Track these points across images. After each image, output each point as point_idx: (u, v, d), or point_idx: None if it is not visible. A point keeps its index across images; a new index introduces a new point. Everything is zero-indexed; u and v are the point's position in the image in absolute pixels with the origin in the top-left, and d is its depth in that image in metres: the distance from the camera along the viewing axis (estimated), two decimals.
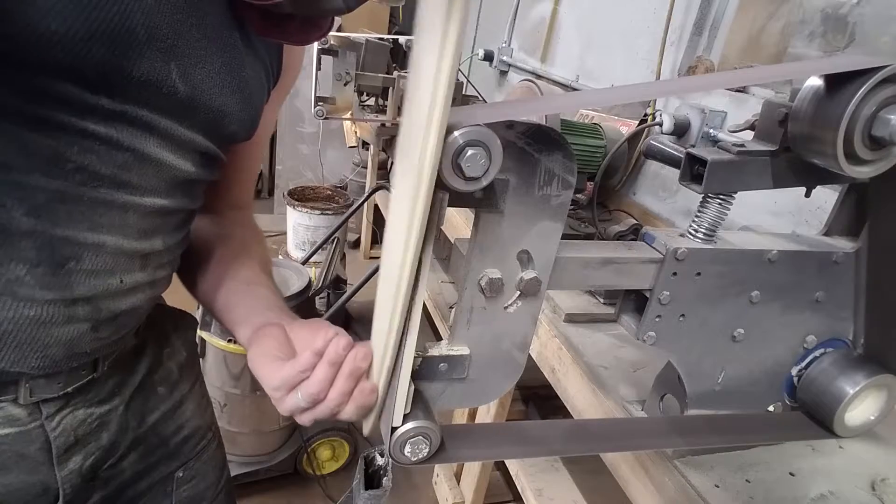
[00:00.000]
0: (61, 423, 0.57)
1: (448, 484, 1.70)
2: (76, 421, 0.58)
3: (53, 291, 0.50)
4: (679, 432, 0.60)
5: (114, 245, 0.52)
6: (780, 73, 0.66)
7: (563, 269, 0.48)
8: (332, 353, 0.49)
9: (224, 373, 1.56)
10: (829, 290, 0.60)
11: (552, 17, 2.26)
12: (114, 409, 0.62)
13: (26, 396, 0.54)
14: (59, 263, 0.49)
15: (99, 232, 0.51)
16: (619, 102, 1.65)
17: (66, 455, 0.58)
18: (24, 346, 0.50)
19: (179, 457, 0.73)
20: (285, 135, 3.68)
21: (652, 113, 1.46)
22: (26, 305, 0.49)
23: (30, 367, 0.52)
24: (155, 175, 0.53)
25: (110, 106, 0.47)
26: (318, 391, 0.49)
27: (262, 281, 0.68)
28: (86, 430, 0.59)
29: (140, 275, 0.57)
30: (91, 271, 0.52)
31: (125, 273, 0.55)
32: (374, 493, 0.50)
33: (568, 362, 0.90)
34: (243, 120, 0.60)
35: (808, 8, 1.33)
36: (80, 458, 0.59)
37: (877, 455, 0.70)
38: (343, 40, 1.83)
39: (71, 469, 0.59)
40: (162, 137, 0.52)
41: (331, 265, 1.85)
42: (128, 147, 0.49)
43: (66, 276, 0.50)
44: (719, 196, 0.54)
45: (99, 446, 0.61)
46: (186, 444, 0.74)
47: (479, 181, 0.38)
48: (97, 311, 0.54)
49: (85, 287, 0.52)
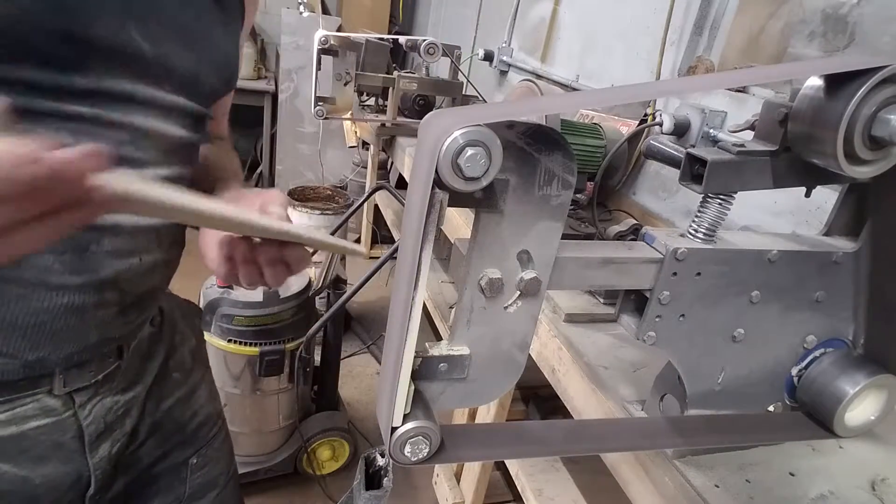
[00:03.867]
0: (92, 412, 0.59)
1: (448, 484, 1.70)
2: (104, 409, 0.60)
3: (82, 276, 0.51)
4: (679, 432, 0.60)
5: (129, 224, 0.54)
6: (780, 73, 0.66)
7: (563, 269, 0.48)
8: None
9: (224, 373, 1.56)
10: (829, 290, 0.60)
11: (552, 17, 2.26)
12: (137, 396, 0.64)
13: (60, 387, 0.55)
14: (83, 248, 0.51)
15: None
16: (619, 102, 1.65)
17: (97, 442, 0.60)
18: (60, 333, 0.52)
19: (194, 443, 0.75)
20: (285, 135, 3.68)
21: (652, 113, 1.46)
22: (59, 294, 0.50)
23: (66, 355, 0.53)
24: (150, 146, 0.53)
25: (84, 83, 0.46)
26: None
27: (227, 154, 0.71)
28: (112, 418, 0.61)
29: (156, 253, 0.59)
30: (112, 252, 0.53)
31: (143, 252, 0.57)
32: (375, 494, 0.50)
33: (568, 362, 0.90)
34: (221, 72, 0.60)
35: (808, 8, 1.32)
36: (108, 445, 0.61)
37: (877, 455, 0.70)
38: (343, 40, 1.83)
39: (101, 456, 0.61)
40: (145, 106, 0.51)
41: (331, 265, 1.85)
42: (115, 122, 0.49)
43: (91, 260, 0.52)
44: (719, 196, 0.54)
45: (124, 433, 0.63)
46: (200, 430, 0.76)
47: (479, 181, 0.38)
48: (123, 294, 0.56)
49: (109, 269, 0.53)
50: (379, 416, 0.48)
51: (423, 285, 0.41)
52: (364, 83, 1.89)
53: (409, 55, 3.05)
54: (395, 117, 1.96)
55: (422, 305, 0.43)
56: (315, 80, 1.82)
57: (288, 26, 3.43)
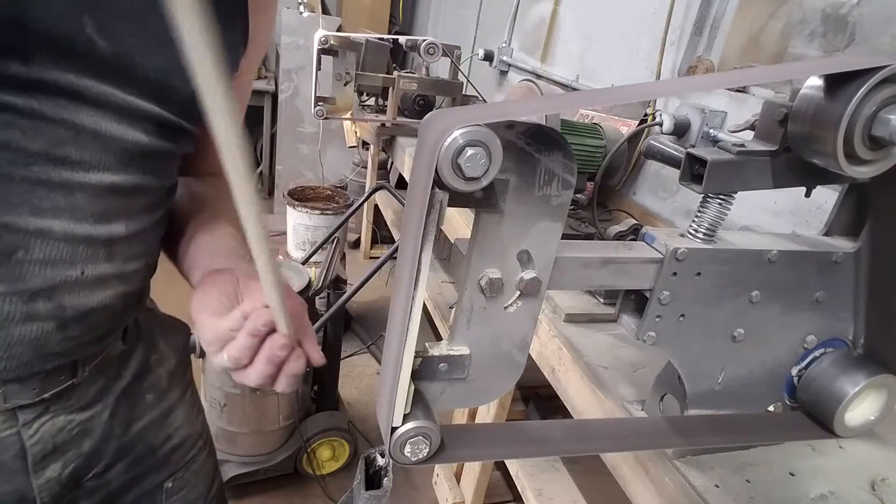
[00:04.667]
0: (39, 431, 0.55)
1: (448, 484, 1.70)
2: (55, 428, 0.56)
3: (4, 284, 0.47)
4: (679, 432, 0.60)
5: (62, 231, 0.49)
6: (780, 73, 0.66)
7: (563, 269, 0.48)
8: (251, 326, 0.47)
9: (224, 373, 1.56)
10: (829, 290, 0.60)
11: (552, 17, 2.26)
12: (96, 416, 0.60)
13: (1, 403, 0.52)
14: (6, 253, 0.46)
15: (43, 216, 0.47)
16: (619, 102, 1.65)
17: (42, 463, 0.56)
18: None
19: (168, 466, 0.71)
20: (285, 135, 3.68)
21: (652, 113, 1.46)
22: None
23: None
24: (98, 149, 0.49)
25: (23, 73, 0.42)
26: (239, 356, 0.48)
27: (226, 230, 0.64)
28: (65, 438, 0.57)
29: (106, 266, 0.53)
30: (44, 261, 0.48)
31: (86, 264, 0.51)
32: (375, 494, 0.50)
33: (568, 362, 0.90)
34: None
35: (808, 8, 1.32)
36: (58, 466, 0.57)
37: (877, 455, 0.70)
38: (343, 40, 1.83)
39: (49, 477, 0.57)
40: (97, 106, 0.47)
41: (331, 265, 1.85)
42: (55, 119, 0.45)
43: (17, 267, 0.47)
44: (719, 196, 0.54)
45: (80, 454, 0.59)
46: (175, 453, 0.72)
47: (479, 181, 0.38)
48: (61, 308, 0.51)
49: (40, 279, 0.48)
50: (379, 416, 0.48)
51: (423, 285, 0.41)
52: (364, 83, 1.89)
53: (409, 55, 3.05)
54: (395, 117, 1.96)
55: (422, 305, 0.43)
56: (315, 80, 1.83)
57: (288, 26, 3.43)
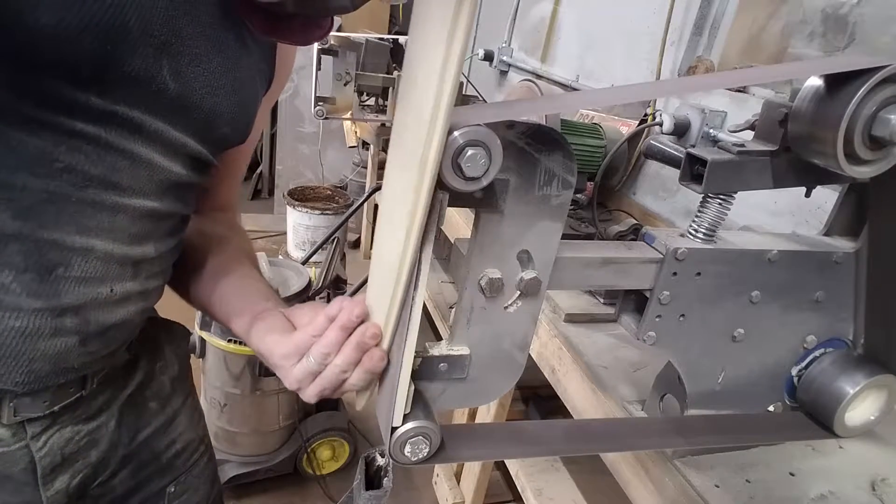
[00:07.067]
0: (48, 443, 0.55)
1: (448, 484, 1.70)
2: (63, 440, 0.56)
3: (41, 300, 0.48)
4: (679, 432, 0.60)
5: (103, 250, 0.51)
6: (780, 73, 0.66)
7: (563, 269, 0.48)
8: (345, 318, 0.49)
9: (224, 373, 1.56)
10: (829, 290, 0.60)
11: (552, 17, 2.26)
12: (103, 425, 0.61)
13: (10, 416, 0.52)
14: (48, 269, 0.47)
15: (88, 235, 0.49)
16: (619, 102, 1.65)
17: (51, 475, 0.56)
18: (8, 360, 0.48)
19: (172, 471, 0.72)
20: (285, 135, 3.68)
21: (652, 113, 1.46)
22: (12, 316, 0.47)
23: (13, 384, 0.50)
24: (146, 177, 0.52)
25: (100, 105, 0.46)
26: (328, 351, 0.49)
27: (255, 276, 0.68)
28: (73, 449, 0.58)
29: (131, 284, 0.55)
30: (80, 279, 0.50)
31: (116, 282, 0.53)
32: (375, 494, 0.50)
33: (568, 362, 0.90)
34: (236, 122, 0.59)
35: (808, 8, 1.32)
36: (66, 478, 0.58)
37: (877, 455, 0.70)
38: (343, 40, 1.83)
39: (57, 489, 0.57)
40: (152, 139, 0.51)
41: (331, 265, 1.85)
42: (117, 147, 0.48)
43: (55, 284, 0.48)
44: (719, 196, 0.54)
45: (87, 464, 0.59)
46: (179, 458, 0.73)
47: (479, 181, 0.38)
48: (86, 324, 0.52)
49: (74, 296, 0.50)
50: (379, 416, 0.48)
51: (423, 285, 0.41)
52: (364, 83, 1.89)
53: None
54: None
55: (422, 305, 0.43)
56: (315, 80, 1.83)
57: None
